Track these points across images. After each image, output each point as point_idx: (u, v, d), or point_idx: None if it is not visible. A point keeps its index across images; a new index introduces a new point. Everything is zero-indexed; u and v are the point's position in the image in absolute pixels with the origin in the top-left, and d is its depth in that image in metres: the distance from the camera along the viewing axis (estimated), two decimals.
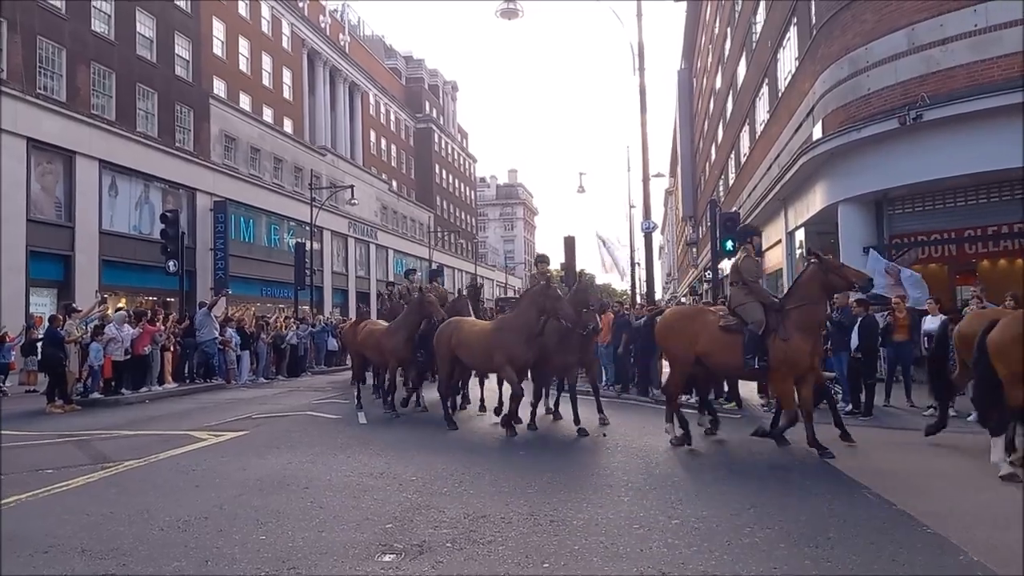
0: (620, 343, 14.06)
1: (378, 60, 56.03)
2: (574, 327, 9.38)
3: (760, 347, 7.63)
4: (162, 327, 16.05)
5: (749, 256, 8.24)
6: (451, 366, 10.24)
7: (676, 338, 8.45)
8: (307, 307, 28.74)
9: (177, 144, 27.50)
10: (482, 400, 12.17)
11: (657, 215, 63.88)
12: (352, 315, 31.04)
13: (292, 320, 22.51)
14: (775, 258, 21.71)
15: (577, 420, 9.40)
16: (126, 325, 14.65)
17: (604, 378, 14.46)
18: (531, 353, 9.29)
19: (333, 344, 22.97)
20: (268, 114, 36.73)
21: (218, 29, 32.53)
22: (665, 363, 14.33)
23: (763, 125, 22.62)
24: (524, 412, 9.86)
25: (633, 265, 30.61)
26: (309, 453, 8.15)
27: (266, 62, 37.15)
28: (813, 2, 16.62)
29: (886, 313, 11.91)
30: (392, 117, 56.20)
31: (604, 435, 9.16)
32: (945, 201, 14.27)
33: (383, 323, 12.67)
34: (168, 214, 20.16)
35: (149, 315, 15.86)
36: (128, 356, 14.58)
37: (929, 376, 8.67)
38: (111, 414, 12.48)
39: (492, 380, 11.91)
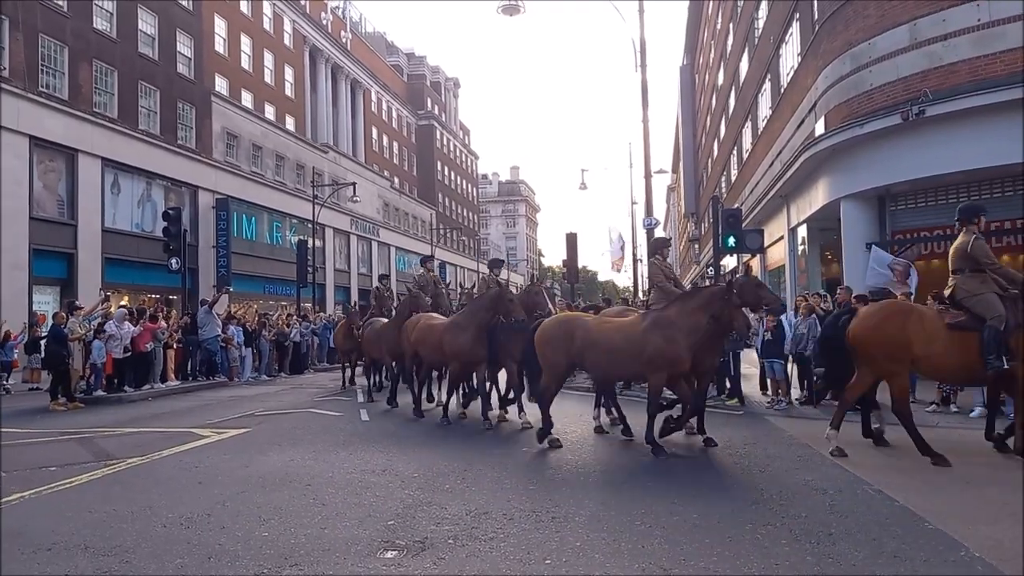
0: None
1: (380, 57, 56.00)
2: (742, 337, 8.56)
3: (1004, 345, 6.56)
4: (164, 324, 16.08)
5: (980, 238, 7.05)
6: (567, 370, 8.50)
7: (885, 339, 7.09)
8: (309, 304, 28.77)
9: (179, 142, 27.53)
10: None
11: (659, 211, 63.90)
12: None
13: (295, 317, 22.54)
14: (777, 254, 21.69)
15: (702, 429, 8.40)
16: (126, 322, 14.66)
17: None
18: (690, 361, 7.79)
19: None
20: (270, 111, 36.74)
21: (220, 26, 32.53)
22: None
23: (765, 121, 22.58)
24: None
25: (635, 261, 30.59)
26: (311, 450, 8.16)
27: (268, 59, 37.15)
28: None
29: None
30: (394, 114, 56.18)
31: (606, 432, 9.14)
32: (948, 197, 14.24)
33: (439, 317, 11.34)
34: (170, 212, 20.18)
35: (149, 313, 15.87)
36: (128, 353, 14.59)
37: None
38: (114, 411, 12.51)
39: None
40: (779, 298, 9.16)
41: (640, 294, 29.53)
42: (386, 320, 13.46)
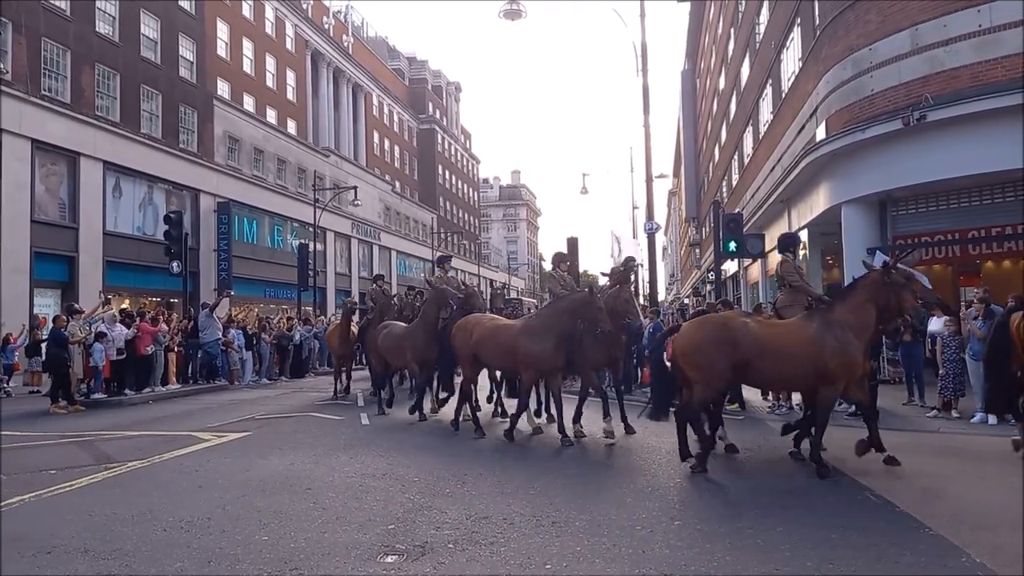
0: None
1: (381, 61, 56.10)
2: (920, 322, 8.02)
3: None
4: (165, 327, 16.08)
5: None
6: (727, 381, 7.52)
7: None
8: (310, 308, 28.76)
9: (181, 145, 27.56)
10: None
11: (660, 216, 63.91)
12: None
13: (295, 320, 22.54)
14: (778, 259, 21.66)
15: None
16: (117, 324, 14.64)
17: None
18: None
19: None
20: (272, 115, 36.79)
21: (222, 30, 32.60)
22: None
23: (766, 126, 22.59)
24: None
25: (636, 266, 30.54)
26: (312, 454, 8.16)
27: (270, 63, 37.21)
28: (817, 2, 16.60)
29: None
30: (395, 118, 56.25)
31: (608, 435, 9.11)
32: (949, 202, 14.24)
33: (500, 318, 10.38)
34: (172, 215, 20.19)
35: (149, 316, 15.84)
36: (123, 356, 14.55)
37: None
38: (114, 415, 12.51)
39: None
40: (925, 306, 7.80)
41: (641, 299, 29.48)
42: (402, 324, 12.43)
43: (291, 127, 38.63)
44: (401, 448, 8.56)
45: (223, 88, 32.35)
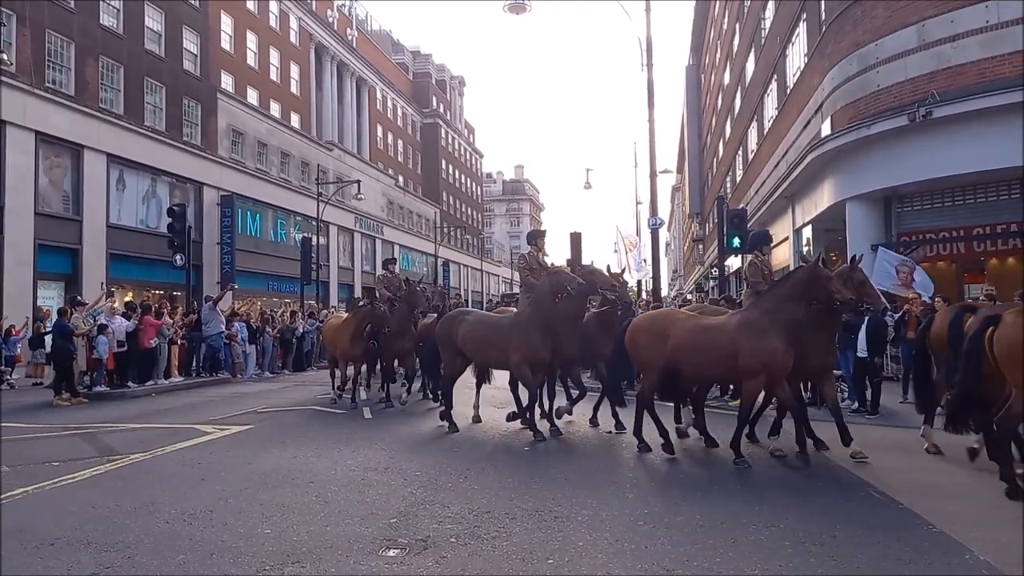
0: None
1: (385, 55, 56.03)
2: None
3: None
4: (169, 320, 16.10)
5: None
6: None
7: None
8: (312, 302, 28.79)
9: (184, 138, 27.56)
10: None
11: (664, 211, 63.77)
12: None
13: (299, 315, 22.56)
14: (782, 256, 21.64)
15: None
16: (116, 316, 14.64)
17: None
18: None
19: None
20: (275, 109, 36.78)
21: (226, 23, 32.59)
22: None
23: (771, 121, 22.53)
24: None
25: (640, 262, 30.47)
26: (314, 447, 8.16)
27: (274, 56, 37.19)
28: None
29: (896, 313, 11.71)
30: (399, 112, 56.21)
31: (611, 432, 9.11)
32: (954, 198, 14.21)
33: (685, 314, 8.46)
34: (175, 208, 20.21)
35: (153, 309, 15.84)
36: (123, 348, 14.55)
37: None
38: (117, 407, 12.52)
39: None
40: None
41: (643, 294, 29.48)
42: (487, 313, 11.09)
43: (295, 120, 38.62)
44: (403, 442, 8.57)
45: (227, 81, 32.34)
